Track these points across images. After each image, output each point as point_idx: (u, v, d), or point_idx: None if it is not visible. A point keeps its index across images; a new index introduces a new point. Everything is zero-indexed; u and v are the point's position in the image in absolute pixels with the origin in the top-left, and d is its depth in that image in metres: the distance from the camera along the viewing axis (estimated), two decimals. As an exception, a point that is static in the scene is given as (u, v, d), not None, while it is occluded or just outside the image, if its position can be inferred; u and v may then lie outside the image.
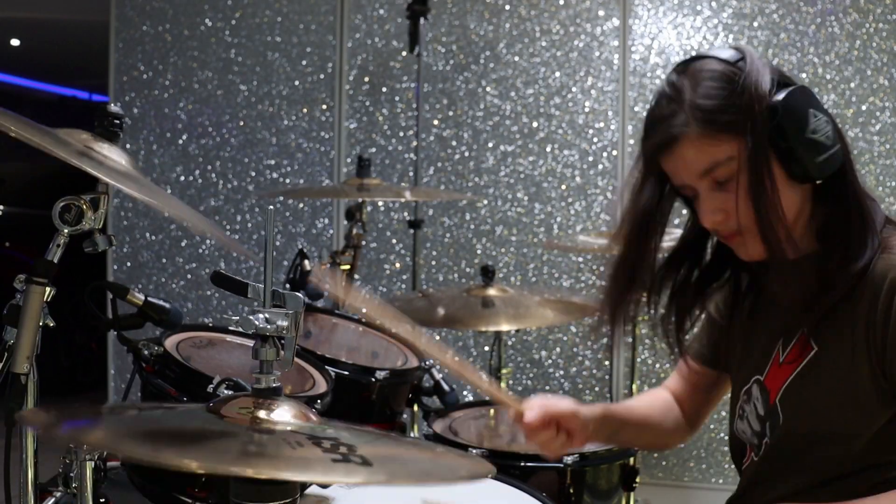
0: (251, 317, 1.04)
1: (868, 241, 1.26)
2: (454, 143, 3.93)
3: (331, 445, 0.96)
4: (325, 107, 4.03)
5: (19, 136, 1.16)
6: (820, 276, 1.27)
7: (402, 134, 3.98)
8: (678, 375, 1.65)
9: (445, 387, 2.38)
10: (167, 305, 1.56)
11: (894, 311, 1.21)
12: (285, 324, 1.04)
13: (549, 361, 3.86)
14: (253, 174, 4.07)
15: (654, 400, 1.66)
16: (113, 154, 1.34)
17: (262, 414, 1.03)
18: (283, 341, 1.05)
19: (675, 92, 1.29)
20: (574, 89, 3.83)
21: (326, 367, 1.98)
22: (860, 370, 1.24)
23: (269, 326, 1.04)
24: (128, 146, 4.09)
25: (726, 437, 1.50)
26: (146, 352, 1.68)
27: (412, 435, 2.63)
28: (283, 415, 1.04)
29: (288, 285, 2.41)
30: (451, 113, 3.93)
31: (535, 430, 1.44)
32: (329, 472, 0.89)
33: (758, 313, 1.44)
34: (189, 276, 4.15)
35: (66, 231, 1.27)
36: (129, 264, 4.19)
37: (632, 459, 2.05)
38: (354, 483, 0.90)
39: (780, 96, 1.24)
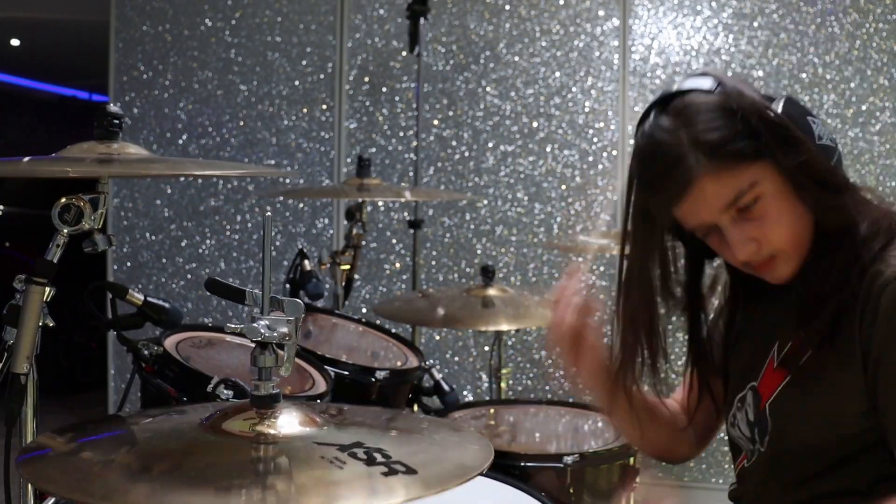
0: (255, 324, 1.02)
1: (867, 247, 1.24)
2: (454, 143, 3.93)
3: (366, 454, 0.93)
4: (325, 107, 4.03)
5: (31, 175, 1.17)
6: (821, 281, 1.25)
7: (402, 134, 3.98)
8: (683, 389, 1.56)
9: (445, 387, 2.38)
10: (167, 305, 1.56)
11: (881, 326, 1.18)
12: (286, 330, 1.02)
13: (549, 361, 3.86)
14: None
15: (661, 401, 1.54)
16: (126, 149, 1.34)
17: (267, 428, 1.01)
18: (282, 347, 1.04)
19: (670, 137, 1.23)
20: (574, 89, 3.82)
21: (326, 367, 1.98)
22: (854, 378, 1.22)
23: (273, 334, 1.02)
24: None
25: (726, 438, 1.50)
26: (146, 352, 1.68)
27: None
28: (287, 424, 1.02)
29: (288, 285, 2.41)
30: (451, 113, 3.93)
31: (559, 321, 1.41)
32: (391, 493, 0.87)
33: (751, 318, 1.43)
34: (189, 277, 4.15)
35: (65, 231, 1.27)
36: (128, 264, 4.19)
37: (631, 459, 2.05)
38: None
39: (779, 109, 1.22)
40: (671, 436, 1.55)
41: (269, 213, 1.03)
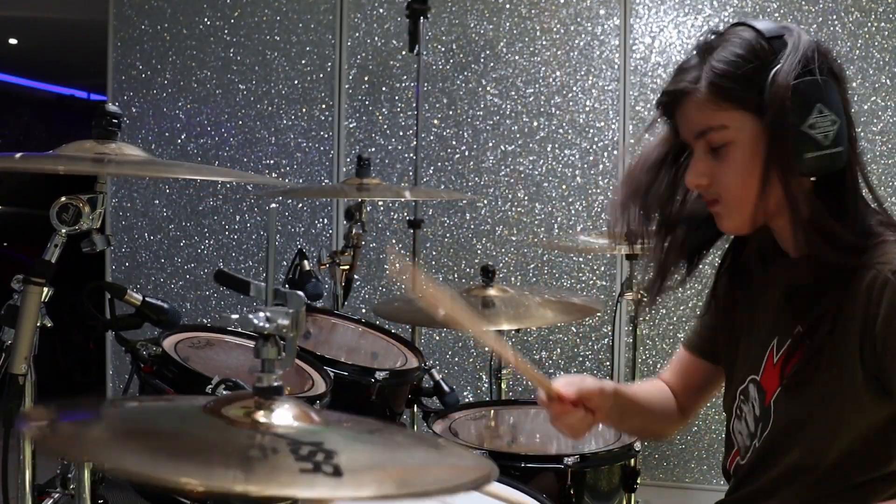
0: (251, 315, 1.02)
1: (854, 244, 1.24)
2: (454, 142, 3.92)
3: (308, 452, 0.92)
4: (324, 106, 4.02)
5: (28, 170, 1.16)
6: (817, 277, 1.26)
7: (402, 134, 3.97)
8: (673, 367, 1.64)
9: (445, 387, 2.37)
10: (165, 305, 1.56)
11: (884, 321, 1.19)
12: (286, 322, 1.03)
13: (550, 361, 3.85)
14: (252, 174, 4.06)
15: (654, 388, 1.65)
16: (123, 149, 1.34)
17: (261, 416, 1.01)
18: (283, 340, 1.04)
19: (703, 50, 1.31)
20: (575, 88, 3.82)
21: (325, 367, 1.97)
22: (852, 374, 1.22)
23: (268, 325, 1.02)
24: (126, 145, 4.07)
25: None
26: (144, 352, 1.67)
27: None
28: (283, 416, 1.02)
29: (287, 285, 2.40)
30: (451, 112, 3.92)
31: (567, 411, 1.45)
32: (291, 484, 0.87)
33: (753, 310, 1.43)
34: (188, 277, 4.14)
35: (63, 231, 1.27)
36: (127, 264, 4.18)
37: (632, 460, 2.05)
38: (313, 497, 0.88)
39: (792, 83, 1.23)
40: (660, 424, 1.66)
41: (273, 206, 1.04)
